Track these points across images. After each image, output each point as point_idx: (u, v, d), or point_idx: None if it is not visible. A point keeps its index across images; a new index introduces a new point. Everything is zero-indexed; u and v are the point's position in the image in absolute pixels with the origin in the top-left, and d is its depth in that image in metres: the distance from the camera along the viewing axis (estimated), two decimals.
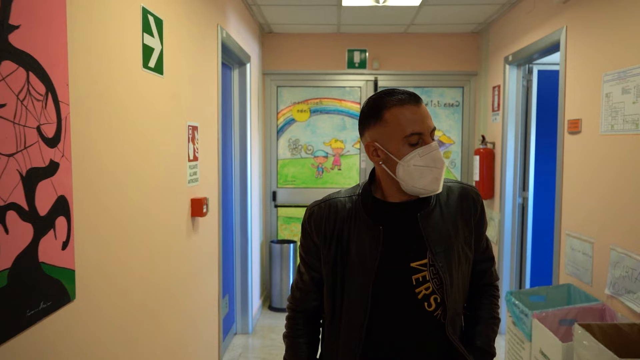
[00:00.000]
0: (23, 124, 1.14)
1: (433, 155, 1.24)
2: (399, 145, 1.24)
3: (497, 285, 1.49)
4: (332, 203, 1.35)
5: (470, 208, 1.36)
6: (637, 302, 2.23)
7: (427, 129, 1.24)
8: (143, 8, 1.85)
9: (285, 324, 1.44)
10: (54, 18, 1.26)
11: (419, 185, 1.25)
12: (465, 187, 1.39)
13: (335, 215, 1.32)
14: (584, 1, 2.77)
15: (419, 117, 1.23)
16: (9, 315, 1.10)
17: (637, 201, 2.27)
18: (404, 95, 1.25)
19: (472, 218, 1.36)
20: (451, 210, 1.33)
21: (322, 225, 1.33)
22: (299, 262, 1.43)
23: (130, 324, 1.78)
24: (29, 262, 1.16)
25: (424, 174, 1.24)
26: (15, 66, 1.10)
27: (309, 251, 1.37)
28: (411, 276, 1.28)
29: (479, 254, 1.42)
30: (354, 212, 1.32)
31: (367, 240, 1.28)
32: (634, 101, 2.28)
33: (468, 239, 1.35)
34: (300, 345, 1.40)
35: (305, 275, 1.39)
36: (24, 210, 1.14)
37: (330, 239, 1.32)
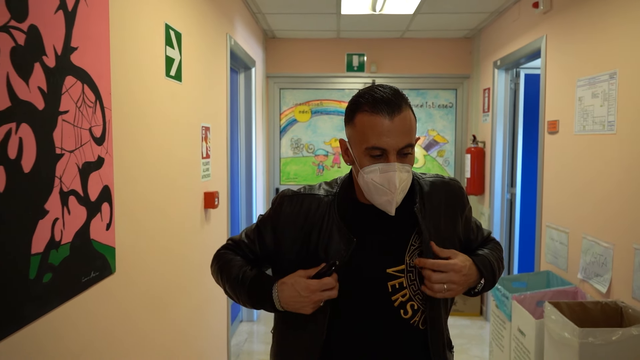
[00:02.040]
0: (79, 126, 1.41)
1: (389, 177, 1.15)
2: (361, 154, 1.18)
3: (497, 241, 1.45)
4: (305, 198, 1.28)
5: (457, 204, 1.32)
6: (603, 283, 2.50)
7: (393, 145, 1.14)
8: (166, 24, 2.12)
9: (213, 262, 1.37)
10: (101, 39, 1.53)
11: (375, 202, 1.20)
12: (448, 182, 1.34)
13: (306, 213, 1.25)
14: (562, 12, 3.04)
15: (386, 131, 1.13)
16: (71, 279, 1.37)
17: (605, 194, 2.54)
18: (380, 99, 1.15)
19: (458, 213, 1.32)
20: (435, 210, 1.27)
21: (289, 222, 1.26)
22: (251, 227, 1.38)
23: (157, 298, 2.05)
24: (83, 238, 1.43)
25: (380, 192, 1.17)
26: (74, 80, 1.38)
27: (259, 237, 1.33)
28: (387, 283, 1.23)
29: (474, 242, 1.39)
30: (327, 214, 1.25)
31: (338, 247, 1.21)
32: (601, 104, 2.55)
33: (453, 236, 1.30)
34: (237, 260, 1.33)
35: (245, 247, 1.34)
36: (80, 196, 1.41)
37: (295, 239, 1.25)
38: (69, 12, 1.35)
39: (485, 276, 1.28)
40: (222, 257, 1.35)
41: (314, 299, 1.17)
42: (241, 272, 1.27)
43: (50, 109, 1.26)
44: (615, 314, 2.27)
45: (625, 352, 1.97)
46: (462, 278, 1.21)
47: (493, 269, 1.31)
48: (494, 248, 1.40)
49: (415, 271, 1.23)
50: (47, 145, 1.25)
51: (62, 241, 1.32)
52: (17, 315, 1.15)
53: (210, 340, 2.95)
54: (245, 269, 1.27)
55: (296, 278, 1.20)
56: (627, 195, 2.33)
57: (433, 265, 1.19)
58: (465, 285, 1.23)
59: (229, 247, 1.38)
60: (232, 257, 1.33)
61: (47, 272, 1.25)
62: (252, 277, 1.25)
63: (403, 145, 1.15)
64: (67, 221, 1.34)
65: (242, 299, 1.27)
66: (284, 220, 1.27)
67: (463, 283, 1.22)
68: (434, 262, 1.20)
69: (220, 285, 1.35)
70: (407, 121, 1.17)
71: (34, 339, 1.22)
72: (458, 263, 1.21)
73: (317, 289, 1.17)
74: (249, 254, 1.34)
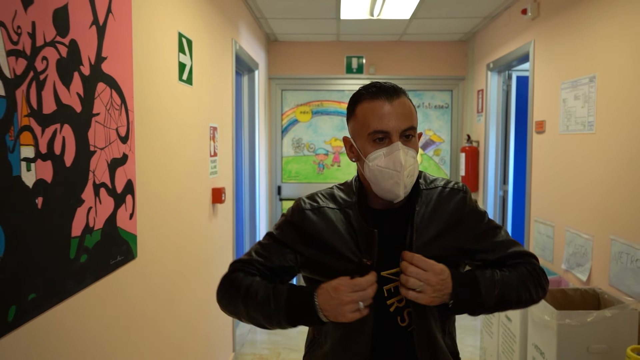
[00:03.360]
0: (108, 127, 1.59)
1: (394, 157, 1.14)
2: (365, 142, 1.18)
3: (534, 263, 1.27)
4: (327, 210, 1.26)
5: (462, 212, 1.26)
6: (584, 272, 2.69)
7: (395, 127, 1.14)
8: (179, 32, 2.31)
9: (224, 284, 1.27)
10: (126, 48, 1.72)
11: (383, 190, 1.18)
12: (455, 189, 1.29)
13: (329, 225, 1.24)
14: (548, 19, 3.22)
15: (387, 113, 1.14)
16: (102, 261, 1.56)
17: (585, 189, 2.73)
18: (378, 88, 1.18)
19: (463, 222, 1.26)
20: (437, 216, 1.24)
21: (312, 234, 1.24)
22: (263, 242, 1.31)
23: (171, 284, 2.24)
24: (111, 225, 1.62)
25: (386, 177, 1.16)
26: (104, 86, 1.56)
27: (278, 251, 1.27)
28: (382, 287, 1.20)
29: (488, 254, 1.26)
30: (349, 225, 1.23)
31: (349, 251, 1.21)
32: (582, 106, 2.73)
33: (452, 246, 1.24)
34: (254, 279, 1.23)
35: (259, 265, 1.26)
36: (109, 188, 1.60)
37: (318, 250, 1.24)
38: (100, 26, 1.53)
39: (457, 294, 1.15)
40: (235, 281, 1.22)
41: (345, 300, 1.08)
42: (270, 290, 1.17)
43: (86, 112, 1.45)
44: (593, 299, 2.46)
45: (599, 332, 2.16)
46: (440, 282, 1.13)
47: (478, 286, 1.17)
48: (517, 269, 1.23)
49: None
50: (83, 143, 1.43)
51: (95, 227, 1.51)
52: (61, 289, 1.34)
53: (217, 329, 3.14)
54: (274, 286, 1.18)
55: (331, 281, 1.13)
56: (605, 190, 2.52)
57: (412, 259, 1.13)
58: (439, 292, 1.13)
59: (238, 269, 1.26)
60: (249, 279, 1.21)
61: (83, 254, 1.44)
62: (288, 290, 1.17)
63: (405, 127, 1.15)
64: (99, 210, 1.53)
65: (276, 318, 1.16)
66: (310, 229, 1.24)
67: (438, 289, 1.13)
68: (413, 256, 1.14)
69: (236, 313, 1.22)
70: (407, 106, 1.18)
71: (73, 312, 1.41)
72: (437, 267, 1.14)
73: (346, 289, 1.09)
74: (264, 270, 1.25)
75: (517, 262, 1.25)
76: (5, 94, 1.10)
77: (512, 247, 1.27)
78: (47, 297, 1.27)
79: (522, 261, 1.26)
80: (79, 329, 1.44)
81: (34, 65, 1.20)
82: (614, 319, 2.15)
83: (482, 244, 1.26)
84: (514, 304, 1.23)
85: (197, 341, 2.68)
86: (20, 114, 1.15)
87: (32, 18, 1.20)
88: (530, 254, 1.28)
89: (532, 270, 1.24)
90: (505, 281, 1.20)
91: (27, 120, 1.18)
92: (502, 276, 1.21)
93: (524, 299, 1.22)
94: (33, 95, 1.20)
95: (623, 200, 2.36)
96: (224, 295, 1.25)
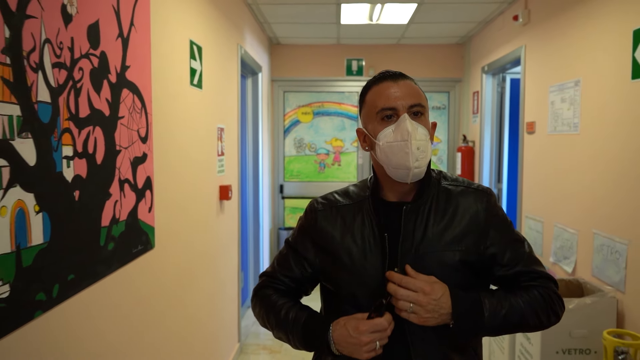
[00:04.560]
0: (131, 128, 1.77)
1: (401, 128, 1.13)
2: (375, 124, 1.18)
3: (550, 287, 1.20)
4: (340, 209, 1.27)
5: (477, 215, 1.21)
6: (570, 265, 2.86)
7: (401, 104, 1.15)
8: (190, 40, 2.48)
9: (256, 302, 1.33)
10: (145, 57, 1.89)
11: (394, 166, 1.15)
12: (474, 190, 1.24)
13: (342, 224, 1.25)
14: (538, 25, 3.39)
15: (393, 92, 1.16)
16: (126, 249, 1.73)
17: (571, 186, 2.90)
18: (384, 74, 1.21)
19: (488, 227, 1.20)
20: (445, 214, 1.20)
21: (327, 236, 1.25)
22: (283, 251, 1.35)
23: (184, 272, 2.41)
24: (133, 217, 1.79)
25: (395, 151, 1.14)
26: (128, 92, 1.74)
27: (297, 261, 1.30)
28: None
29: (503, 268, 1.20)
30: (364, 221, 1.23)
31: (373, 248, 1.20)
32: (568, 108, 2.90)
33: (479, 250, 1.19)
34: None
35: (284, 277, 1.31)
36: (132, 184, 1.77)
37: (335, 251, 1.24)
38: (124, 38, 1.71)
39: (458, 315, 1.12)
40: (265, 299, 1.30)
41: (365, 341, 1.10)
42: (292, 313, 1.23)
43: (113, 115, 1.62)
44: (577, 289, 2.63)
45: (580, 319, 2.33)
46: (431, 302, 1.10)
47: (481, 311, 1.13)
48: (530, 292, 1.18)
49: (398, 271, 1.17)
50: (111, 143, 1.61)
51: (120, 218, 1.68)
52: (92, 273, 1.51)
53: (224, 320, 3.31)
54: (296, 310, 1.23)
55: (350, 318, 1.15)
56: (589, 187, 2.69)
57: (400, 281, 1.12)
58: (433, 313, 1.11)
59: (266, 284, 1.33)
60: (275, 298, 1.28)
61: (110, 242, 1.61)
62: (306, 317, 1.21)
63: (412, 103, 1.15)
64: (123, 203, 1.71)
65: (294, 341, 1.23)
66: (321, 234, 1.26)
67: (431, 309, 1.11)
68: (401, 278, 1.12)
69: (266, 328, 1.30)
70: (414, 87, 1.19)
71: (103, 293, 1.58)
72: (427, 286, 1.11)
73: (367, 330, 1.10)
74: (290, 283, 1.31)
75: (531, 285, 1.19)
76: (50, 100, 1.27)
77: (531, 265, 1.21)
78: (83, 278, 1.44)
79: (537, 284, 1.19)
80: (108, 308, 1.62)
81: (73, 75, 1.38)
82: (593, 306, 2.32)
83: (503, 257, 1.20)
84: (519, 329, 1.19)
85: (205, 329, 2.85)
86: (62, 118, 1.33)
87: (71, 34, 1.37)
88: (549, 277, 1.22)
89: (545, 295, 1.18)
90: (512, 305, 1.15)
91: (67, 124, 1.35)
92: (509, 300, 1.16)
93: (532, 324, 1.18)
94: (72, 101, 1.37)
95: (604, 197, 2.53)
96: (257, 313, 1.32)
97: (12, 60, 1.13)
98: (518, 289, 1.19)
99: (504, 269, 1.20)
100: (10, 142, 1.12)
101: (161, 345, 2.11)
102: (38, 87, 1.22)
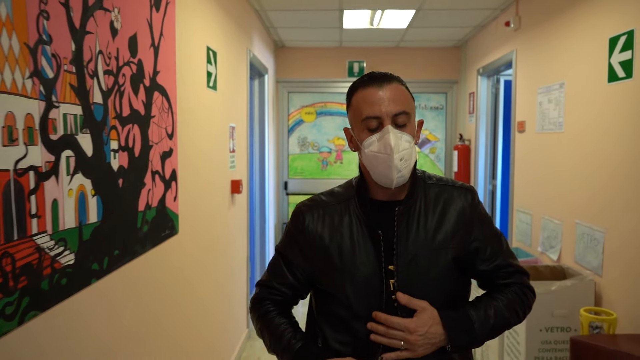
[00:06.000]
0: (160, 126, 2.01)
1: (385, 140, 1.14)
2: (360, 130, 1.19)
3: (524, 281, 1.30)
4: (326, 210, 1.28)
5: (463, 212, 1.25)
6: (555, 253, 3.10)
7: (385, 112, 1.15)
8: (207, 46, 2.72)
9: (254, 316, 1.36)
10: (171, 62, 2.13)
11: (378, 175, 1.19)
12: (458, 188, 1.29)
13: (330, 226, 1.26)
14: (528, 31, 3.63)
15: (377, 99, 1.16)
16: (156, 232, 1.97)
17: (556, 180, 3.14)
18: (370, 77, 1.20)
19: (473, 223, 1.26)
20: (435, 213, 1.24)
21: (315, 239, 1.26)
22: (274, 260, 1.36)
23: (203, 256, 2.65)
24: (162, 205, 2.03)
25: (379, 161, 1.16)
26: (158, 94, 1.98)
27: (290, 267, 1.32)
28: (389, 280, 1.21)
29: (484, 263, 1.26)
30: (351, 222, 1.25)
31: (363, 247, 1.23)
32: (554, 108, 3.14)
33: (448, 247, 1.22)
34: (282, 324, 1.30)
35: (279, 285, 1.33)
36: (161, 175, 2.01)
37: (324, 253, 1.25)
38: (156, 46, 1.95)
39: (452, 337, 1.17)
40: (263, 317, 1.32)
41: None
42: (285, 339, 1.26)
43: (147, 115, 1.86)
44: (561, 274, 2.87)
45: (561, 299, 2.56)
46: (419, 338, 1.14)
47: (472, 327, 1.19)
48: (507, 293, 1.26)
49: (396, 271, 1.21)
50: (145, 139, 1.85)
51: (152, 205, 1.92)
52: (131, 250, 1.75)
53: (234, 307, 3.55)
54: (289, 338, 1.26)
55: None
56: (570, 181, 2.93)
57: (386, 321, 1.16)
58: (425, 345, 1.16)
59: (263, 296, 1.35)
60: (273, 315, 1.31)
61: (145, 225, 1.85)
62: (298, 349, 1.23)
63: (396, 112, 1.16)
64: (155, 192, 1.95)
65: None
66: (310, 236, 1.27)
67: (423, 343, 1.15)
68: (387, 319, 1.17)
69: (261, 339, 1.34)
70: (399, 91, 1.18)
71: (140, 269, 1.82)
72: (411, 324, 1.15)
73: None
74: (286, 290, 1.33)
75: (508, 282, 1.27)
76: (102, 102, 1.51)
77: (508, 259, 1.29)
78: (124, 254, 1.68)
79: (512, 281, 1.27)
80: (144, 283, 1.86)
81: (118, 80, 1.62)
82: (573, 287, 2.56)
83: (485, 251, 1.26)
84: (504, 330, 1.27)
85: (216, 313, 3.09)
86: (110, 117, 1.57)
87: (117, 45, 1.61)
88: (522, 272, 1.30)
89: (520, 292, 1.27)
90: (496, 312, 1.22)
91: (114, 121, 1.59)
92: (492, 307, 1.22)
93: (513, 323, 1.27)
94: (117, 103, 1.61)
95: (584, 189, 2.77)
96: (255, 326, 1.35)
97: (77, 69, 1.37)
98: (497, 290, 1.28)
99: (485, 264, 1.27)
100: (75, 137, 1.36)
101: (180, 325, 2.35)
102: (94, 91, 1.46)
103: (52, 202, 1.25)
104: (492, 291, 1.29)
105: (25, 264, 1.14)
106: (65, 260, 1.31)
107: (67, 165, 1.32)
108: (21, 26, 1.12)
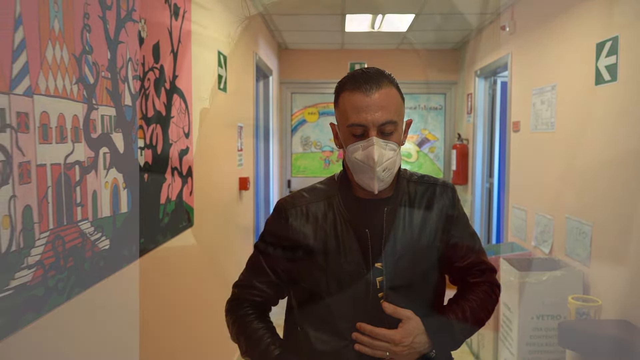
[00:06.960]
0: (179, 126, 2.17)
1: (368, 152, 1.13)
2: (345, 134, 1.18)
3: (492, 278, 1.34)
4: (309, 206, 1.26)
5: (443, 209, 1.28)
6: (547, 246, 3.26)
7: (372, 121, 1.13)
8: (218, 51, 2.89)
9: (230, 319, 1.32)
10: (188, 67, 2.30)
11: (360, 180, 1.19)
12: (438, 185, 1.31)
13: (314, 220, 1.24)
14: (522, 35, 3.80)
15: (364, 107, 1.13)
16: (175, 224, 2.13)
17: (548, 178, 3.30)
18: (360, 80, 1.16)
19: (444, 218, 1.27)
20: (420, 211, 1.25)
21: (298, 233, 1.24)
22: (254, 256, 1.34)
23: (215, 248, 2.81)
24: (180, 198, 2.20)
25: (362, 170, 1.16)
26: (177, 97, 2.14)
27: (271, 263, 1.29)
28: (376, 279, 1.21)
29: (460, 259, 1.30)
30: (334, 217, 1.24)
31: (348, 245, 1.22)
32: (547, 109, 3.31)
33: (433, 243, 1.25)
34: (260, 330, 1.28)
35: (260, 284, 1.30)
36: (179, 171, 2.18)
37: (307, 248, 1.23)
38: (175, 52, 2.11)
39: (437, 344, 1.21)
40: (240, 317, 1.30)
41: None
42: (264, 344, 1.24)
43: (167, 115, 2.03)
44: (552, 266, 3.03)
45: (552, 289, 2.73)
46: (404, 349, 1.17)
47: (453, 331, 1.24)
48: (478, 293, 1.31)
49: (385, 270, 1.22)
50: (166, 137, 2.01)
51: (171, 198, 2.08)
52: (154, 239, 1.91)
53: None
54: (268, 343, 1.24)
55: None
56: (561, 178, 3.09)
57: (371, 333, 1.18)
58: (411, 354, 1.19)
59: (241, 296, 1.33)
60: (250, 319, 1.28)
61: (166, 217, 2.02)
62: (277, 355, 1.22)
63: (383, 121, 1.14)
64: (173, 186, 2.11)
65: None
66: (292, 233, 1.25)
67: (407, 353, 1.18)
68: (372, 330, 1.18)
69: (235, 342, 1.31)
70: (388, 97, 1.15)
71: (163, 256, 1.99)
72: (397, 336, 1.17)
73: None
74: (266, 289, 1.30)
75: (479, 281, 1.32)
76: (131, 104, 1.68)
77: (480, 256, 1.34)
78: (148, 243, 1.85)
79: (483, 280, 1.32)
80: (164, 271, 2.02)
81: (144, 84, 1.78)
82: (563, 277, 2.72)
83: (462, 248, 1.30)
84: (479, 328, 1.33)
85: None
86: (137, 117, 1.73)
87: (143, 53, 1.77)
88: (491, 269, 1.36)
89: (489, 291, 1.32)
90: (473, 314, 1.27)
91: (140, 122, 1.76)
92: (470, 310, 1.27)
93: (485, 320, 1.32)
94: (143, 105, 1.78)
95: (573, 185, 2.93)
96: (230, 329, 1.33)
97: (111, 75, 1.53)
98: (469, 289, 1.32)
99: (460, 260, 1.31)
100: (110, 135, 1.52)
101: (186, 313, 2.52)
102: (125, 95, 1.63)
103: (92, 193, 1.42)
104: (465, 291, 1.33)
105: (72, 246, 1.31)
106: (103, 244, 1.48)
107: (104, 161, 1.48)
108: (70, 39, 1.29)
